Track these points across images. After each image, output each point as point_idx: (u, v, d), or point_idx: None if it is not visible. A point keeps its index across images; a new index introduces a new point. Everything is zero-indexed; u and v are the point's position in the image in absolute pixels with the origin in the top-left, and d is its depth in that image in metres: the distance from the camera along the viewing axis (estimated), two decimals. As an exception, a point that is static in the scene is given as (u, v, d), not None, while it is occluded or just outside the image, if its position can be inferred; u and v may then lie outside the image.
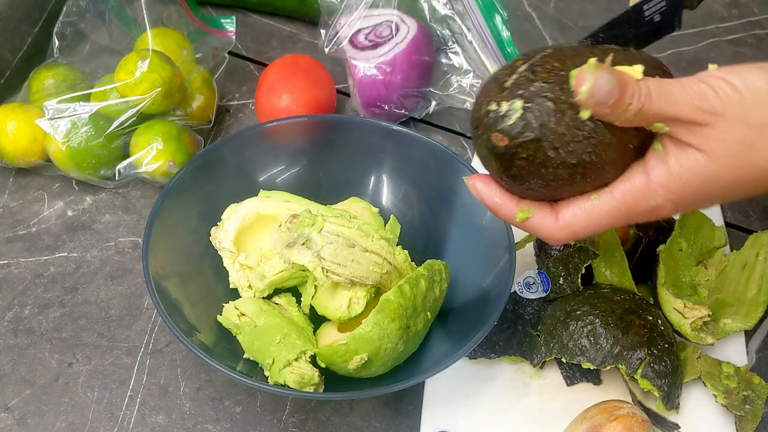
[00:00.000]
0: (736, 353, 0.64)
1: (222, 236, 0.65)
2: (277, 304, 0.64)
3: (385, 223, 0.70)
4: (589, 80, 0.42)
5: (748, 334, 0.67)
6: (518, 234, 0.68)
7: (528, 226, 0.48)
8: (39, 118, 0.72)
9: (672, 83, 0.43)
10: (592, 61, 0.42)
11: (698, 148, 0.44)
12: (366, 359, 0.55)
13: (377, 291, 0.62)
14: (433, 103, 0.84)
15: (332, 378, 0.58)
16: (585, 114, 0.43)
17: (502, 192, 0.48)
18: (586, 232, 0.47)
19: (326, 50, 0.80)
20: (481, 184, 0.48)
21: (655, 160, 0.45)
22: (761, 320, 0.64)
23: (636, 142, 0.45)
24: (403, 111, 0.80)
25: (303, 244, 0.59)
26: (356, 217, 0.62)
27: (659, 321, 0.61)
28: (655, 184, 0.45)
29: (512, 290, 0.64)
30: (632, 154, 0.46)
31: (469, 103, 0.85)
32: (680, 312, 0.62)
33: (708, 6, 0.96)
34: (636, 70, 0.43)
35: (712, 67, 0.45)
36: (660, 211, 0.46)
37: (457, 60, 0.84)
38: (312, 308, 0.62)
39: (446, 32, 0.83)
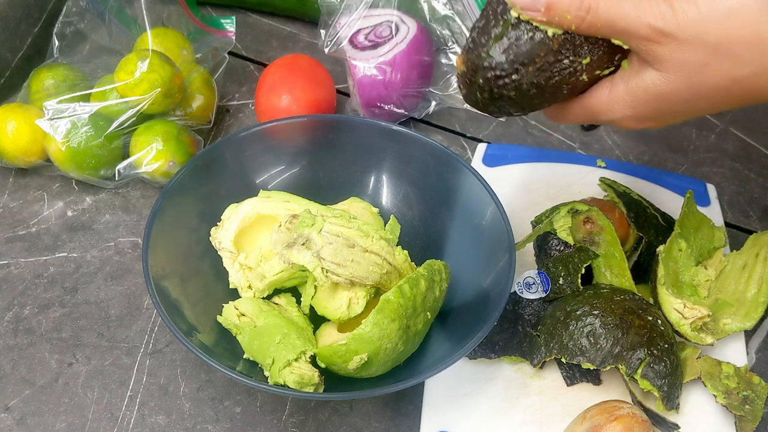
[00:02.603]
0: (736, 353, 0.64)
1: (222, 236, 0.65)
2: (276, 304, 0.64)
3: (385, 224, 0.70)
4: None
5: (748, 334, 0.67)
6: (518, 234, 0.68)
7: None
8: (39, 118, 0.72)
9: (627, 0, 0.44)
10: None
11: (655, 67, 0.45)
12: (366, 359, 0.55)
13: (377, 291, 0.62)
14: (433, 103, 0.84)
15: (332, 378, 0.58)
16: (514, 13, 0.45)
17: None
18: (564, 118, 0.51)
19: (326, 50, 0.80)
20: None
21: (619, 77, 0.47)
22: (761, 320, 0.64)
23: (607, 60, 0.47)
24: (402, 111, 0.81)
25: (303, 244, 0.59)
26: (356, 218, 0.62)
27: (659, 321, 0.61)
28: (613, 100, 0.48)
29: (512, 290, 0.64)
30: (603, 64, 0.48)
31: (469, 103, 0.85)
32: (680, 312, 0.62)
33: None
34: None
35: None
36: (622, 123, 0.49)
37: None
38: (312, 308, 0.62)
39: (446, 32, 0.83)
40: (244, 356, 0.60)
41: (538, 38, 0.45)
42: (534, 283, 0.66)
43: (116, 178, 0.73)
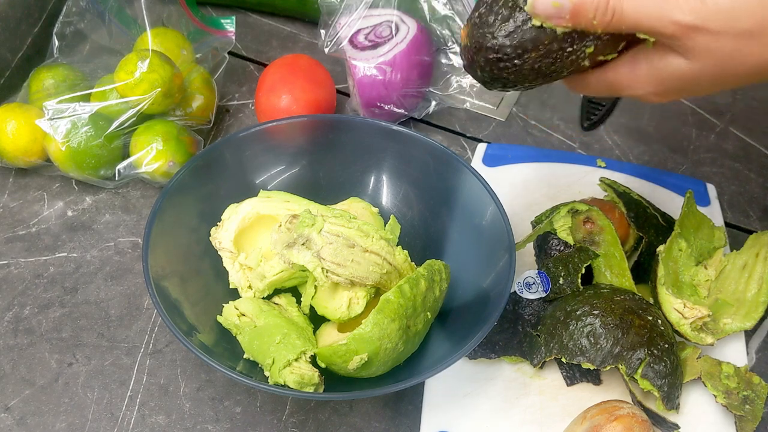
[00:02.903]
0: (736, 353, 0.64)
1: (222, 236, 0.65)
2: (277, 304, 0.63)
3: (385, 224, 0.70)
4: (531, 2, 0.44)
5: (748, 334, 0.67)
6: (518, 234, 0.68)
7: None
8: (39, 118, 0.72)
9: None
10: None
11: (684, 56, 0.45)
12: (366, 359, 0.55)
13: (377, 291, 0.62)
14: (433, 103, 0.84)
15: (332, 378, 0.58)
16: (536, 22, 0.45)
17: None
18: (582, 90, 0.51)
19: (326, 50, 0.80)
20: None
21: (642, 56, 0.47)
22: (761, 320, 0.64)
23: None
24: (402, 111, 0.81)
25: (303, 244, 0.59)
26: (356, 218, 0.62)
27: (659, 321, 0.61)
28: (636, 77, 0.47)
29: (512, 290, 0.64)
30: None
31: (469, 103, 0.85)
32: (680, 312, 0.62)
33: None
34: None
35: None
36: (646, 98, 0.49)
37: (457, 60, 0.84)
38: (312, 308, 0.62)
39: (446, 32, 0.83)
40: (244, 356, 0.60)
41: (545, 26, 0.45)
42: (534, 283, 0.66)
43: (116, 178, 0.73)
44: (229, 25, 0.85)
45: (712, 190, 0.78)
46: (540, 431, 0.60)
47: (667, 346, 0.60)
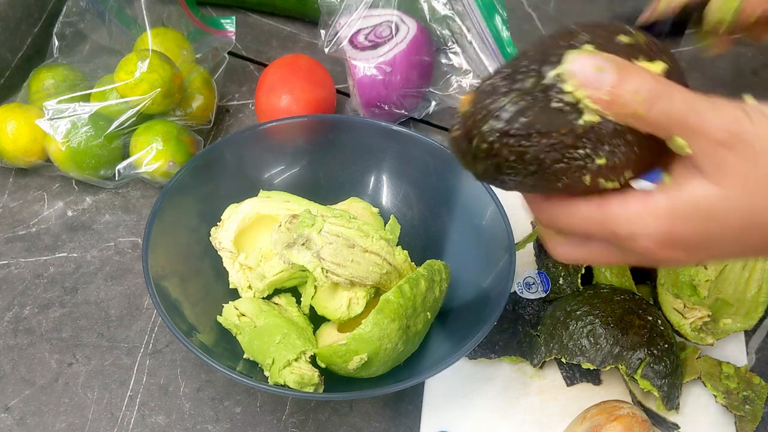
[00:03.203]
0: (736, 353, 0.64)
1: (222, 236, 0.65)
2: (276, 304, 0.63)
3: (385, 224, 0.70)
4: (572, 60, 0.37)
5: (748, 334, 0.67)
6: (518, 234, 0.68)
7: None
8: (39, 118, 0.72)
9: (701, 97, 0.37)
10: (588, 47, 0.38)
11: (713, 179, 0.37)
12: (366, 359, 0.55)
13: (377, 291, 0.62)
14: (433, 103, 0.84)
15: (332, 378, 0.58)
16: (568, 87, 0.37)
17: None
18: (556, 220, 0.42)
19: (326, 50, 0.80)
20: None
21: (658, 190, 0.39)
22: (761, 320, 0.64)
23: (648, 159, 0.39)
24: (402, 111, 0.80)
25: (303, 244, 0.59)
26: (356, 218, 0.62)
27: (659, 321, 0.61)
28: (647, 211, 0.39)
29: (512, 290, 0.64)
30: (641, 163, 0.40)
31: (469, 103, 0.85)
32: (680, 312, 0.62)
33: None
34: (656, 66, 0.38)
35: (748, 99, 0.38)
36: (640, 244, 0.39)
37: (457, 60, 0.84)
38: (312, 308, 0.62)
39: (446, 32, 0.83)
40: (244, 356, 0.60)
41: (566, 112, 0.38)
42: (534, 283, 0.66)
43: (116, 178, 0.73)
44: (229, 25, 0.85)
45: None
46: (540, 431, 0.60)
47: (667, 346, 0.60)
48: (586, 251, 0.43)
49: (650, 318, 0.61)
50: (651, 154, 0.39)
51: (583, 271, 0.64)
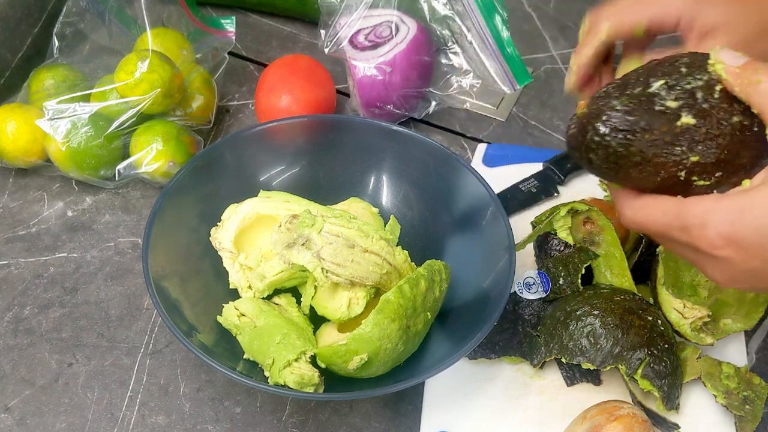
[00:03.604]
0: (736, 353, 0.64)
1: (222, 236, 0.65)
2: (277, 304, 0.63)
3: (385, 224, 0.70)
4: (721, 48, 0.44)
5: (748, 334, 0.67)
6: (518, 235, 0.68)
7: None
8: (39, 119, 0.72)
9: None
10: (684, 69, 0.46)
11: None
12: (366, 359, 0.55)
13: (377, 291, 0.62)
14: (433, 103, 0.84)
15: (332, 378, 0.58)
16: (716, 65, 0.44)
17: None
18: (640, 220, 0.47)
19: (326, 50, 0.80)
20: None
21: (735, 191, 0.43)
22: (761, 320, 0.64)
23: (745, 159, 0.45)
24: (402, 111, 0.80)
25: (303, 244, 0.59)
26: (356, 218, 0.62)
27: (659, 321, 0.61)
28: (717, 208, 0.42)
29: (512, 290, 0.64)
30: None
31: (469, 103, 0.85)
32: (680, 312, 0.62)
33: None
34: None
35: None
36: (706, 231, 0.42)
37: (457, 60, 0.84)
38: (312, 308, 0.62)
39: (446, 32, 0.83)
40: (244, 356, 0.60)
41: (667, 115, 0.45)
42: (534, 283, 0.66)
43: (116, 179, 0.73)
44: (229, 25, 0.85)
45: (712, 190, 0.78)
46: (540, 431, 0.60)
47: (667, 346, 0.60)
48: (667, 244, 0.48)
49: (650, 318, 0.61)
50: (739, 159, 0.45)
51: (583, 272, 0.64)
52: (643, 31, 0.53)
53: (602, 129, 0.46)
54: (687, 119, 0.45)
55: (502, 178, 0.76)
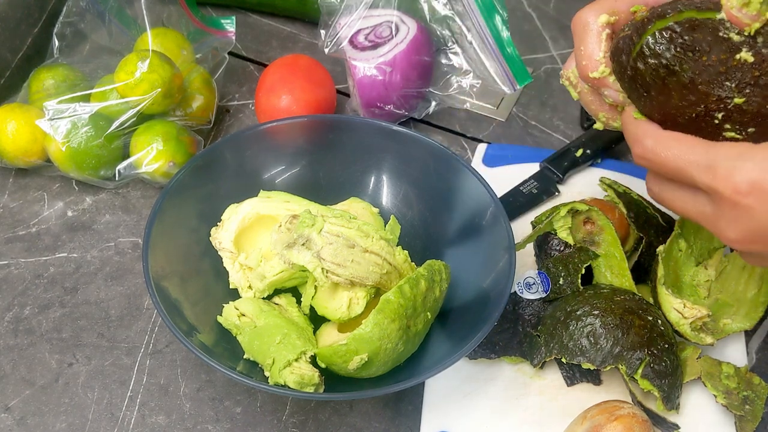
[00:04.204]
0: (736, 353, 0.64)
1: (222, 236, 0.65)
2: (277, 304, 0.64)
3: (385, 224, 0.70)
4: None
5: (748, 334, 0.67)
6: (518, 234, 0.68)
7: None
8: (39, 119, 0.72)
9: None
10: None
11: None
12: (366, 359, 0.55)
13: (377, 291, 0.62)
14: (433, 103, 0.84)
15: (332, 378, 0.58)
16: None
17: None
18: (658, 158, 0.44)
19: (326, 50, 0.80)
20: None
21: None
22: (761, 320, 0.64)
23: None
24: (402, 111, 0.81)
25: (303, 244, 0.59)
26: (356, 218, 0.62)
27: (659, 321, 0.61)
28: (753, 152, 0.41)
29: (512, 290, 0.64)
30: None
31: (469, 103, 0.85)
32: (680, 312, 0.62)
33: None
34: None
35: None
36: (733, 180, 0.41)
37: (457, 60, 0.84)
38: (312, 308, 0.62)
39: (446, 32, 0.83)
40: (245, 356, 0.60)
41: (729, 44, 0.43)
42: (534, 283, 0.66)
43: (116, 179, 0.73)
44: (229, 25, 0.85)
45: (712, 190, 0.77)
46: (540, 431, 0.60)
47: (667, 346, 0.60)
48: (675, 194, 0.46)
49: (650, 318, 0.61)
50: None
51: (583, 272, 0.64)
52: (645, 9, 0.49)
53: (663, 35, 0.43)
54: (746, 55, 0.42)
55: (502, 178, 0.76)
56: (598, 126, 0.53)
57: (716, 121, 0.44)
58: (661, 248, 0.65)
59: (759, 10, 0.42)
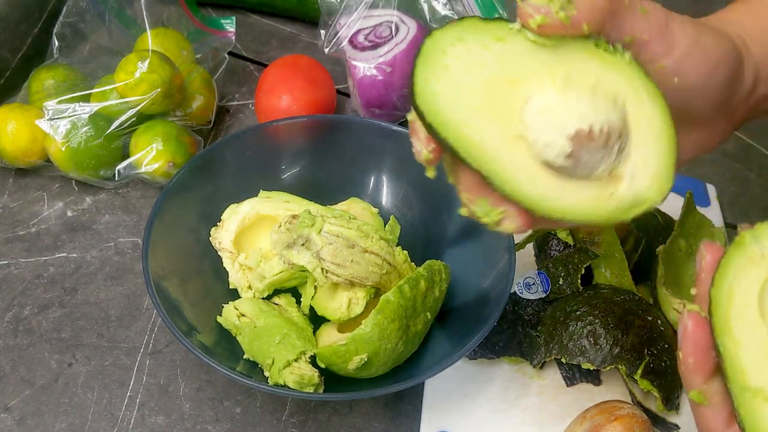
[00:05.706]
0: (736, 353, 0.64)
1: (222, 236, 0.65)
2: (276, 304, 0.63)
3: (385, 224, 0.70)
4: None
5: (748, 335, 0.67)
6: (518, 235, 0.68)
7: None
8: (39, 119, 0.72)
9: None
10: None
11: None
12: (366, 360, 0.55)
13: (377, 291, 0.62)
14: (433, 103, 0.84)
15: (332, 378, 0.58)
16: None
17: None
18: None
19: (326, 50, 0.80)
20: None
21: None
22: (761, 320, 0.64)
23: None
24: (402, 111, 0.80)
25: (302, 244, 0.59)
26: (356, 218, 0.62)
27: (659, 321, 0.61)
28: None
29: (512, 290, 0.64)
30: None
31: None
32: (680, 312, 0.62)
33: None
34: None
35: None
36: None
37: (457, 60, 0.84)
38: (312, 309, 0.62)
39: (446, 32, 0.83)
40: (244, 356, 0.60)
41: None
42: (534, 284, 0.66)
43: (116, 179, 0.73)
44: (229, 25, 0.85)
45: (712, 190, 0.78)
46: (540, 431, 0.60)
47: (667, 346, 0.60)
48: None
49: (650, 318, 0.61)
50: None
51: (582, 272, 0.64)
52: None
53: None
54: None
55: (502, 178, 0.76)
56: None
57: None
58: (661, 248, 0.65)
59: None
